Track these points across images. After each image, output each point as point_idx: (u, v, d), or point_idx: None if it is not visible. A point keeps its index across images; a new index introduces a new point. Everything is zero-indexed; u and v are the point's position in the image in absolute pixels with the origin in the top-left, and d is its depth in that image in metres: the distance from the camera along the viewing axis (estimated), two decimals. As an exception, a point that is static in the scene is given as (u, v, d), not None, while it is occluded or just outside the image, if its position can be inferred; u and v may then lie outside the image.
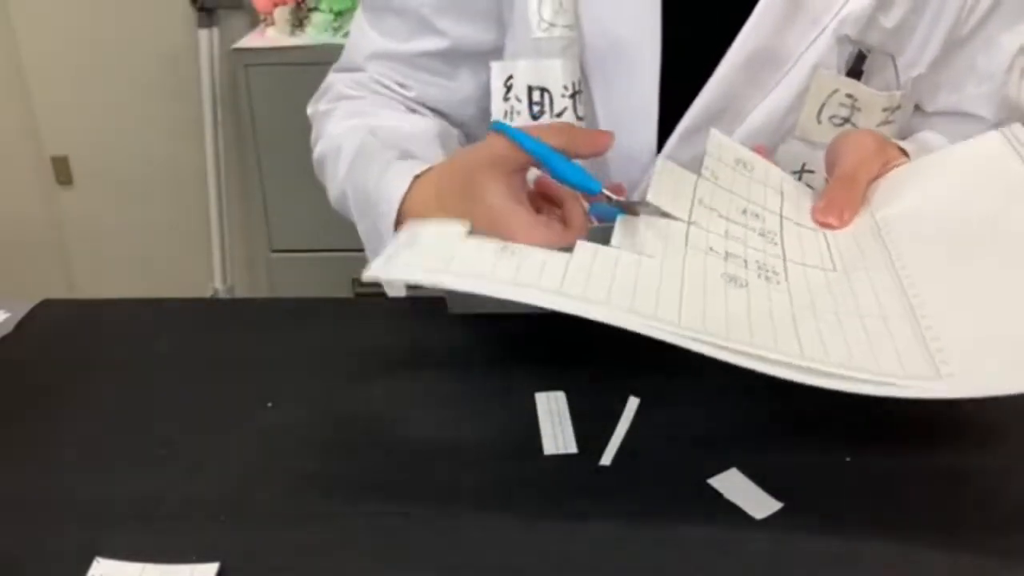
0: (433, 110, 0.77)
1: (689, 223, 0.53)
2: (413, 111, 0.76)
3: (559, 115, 0.70)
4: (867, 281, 0.51)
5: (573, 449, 0.52)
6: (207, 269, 2.19)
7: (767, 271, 0.52)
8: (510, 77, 0.71)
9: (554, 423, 0.54)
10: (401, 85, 0.76)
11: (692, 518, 0.47)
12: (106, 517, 0.48)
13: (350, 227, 0.69)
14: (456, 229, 0.51)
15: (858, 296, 0.50)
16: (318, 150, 0.76)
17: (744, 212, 0.56)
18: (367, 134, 0.72)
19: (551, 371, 0.58)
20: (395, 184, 0.62)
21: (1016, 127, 0.56)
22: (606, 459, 0.51)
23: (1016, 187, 0.53)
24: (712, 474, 0.50)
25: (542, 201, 0.58)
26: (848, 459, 0.51)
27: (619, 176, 0.71)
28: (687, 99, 0.69)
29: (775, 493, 0.48)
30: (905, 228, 0.54)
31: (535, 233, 0.52)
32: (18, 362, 0.62)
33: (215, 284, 2.19)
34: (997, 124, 0.68)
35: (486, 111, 0.73)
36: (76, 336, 0.65)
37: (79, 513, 0.48)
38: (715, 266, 0.51)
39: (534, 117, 0.71)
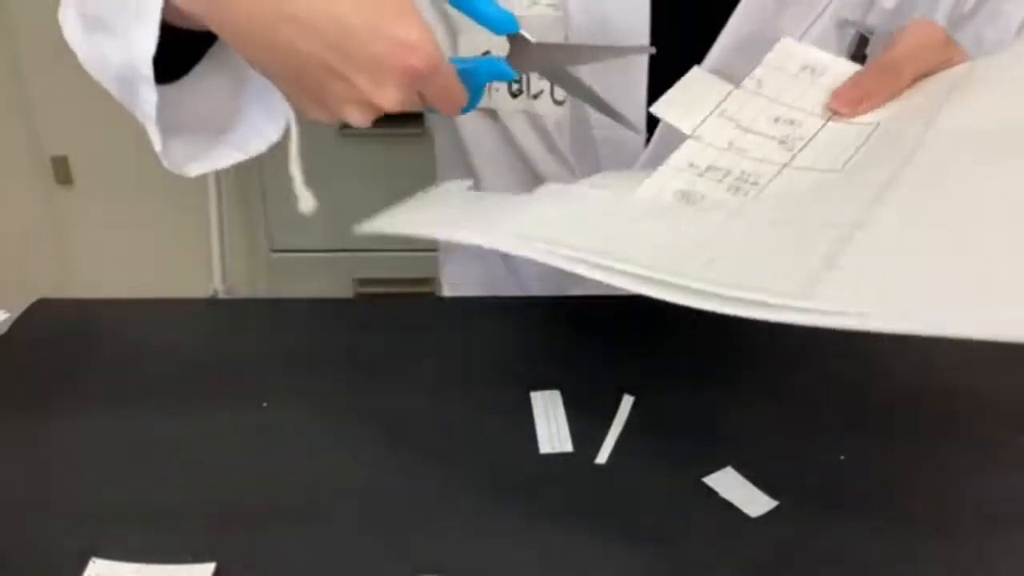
0: None
1: (691, 137, 0.52)
2: None
3: (535, 97, 0.69)
4: (853, 186, 0.45)
5: (568, 448, 0.52)
6: (207, 269, 2.20)
7: (747, 182, 0.48)
8: (487, 52, 0.70)
9: (549, 422, 0.54)
10: None
11: (687, 516, 0.47)
12: (102, 517, 0.48)
13: (350, 227, 0.68)
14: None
15: (833, 203, 0.44)
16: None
17: (777, 120, 0.52)
18: None
19: (546, 369, 0.58)
20: None
21: None
22: (601, 457, 0.51)
23: None
24: (707, 472, 0.50)
25: None
26: (842, 457, 0.51)
27: (608, 163, 0.70)
28: None
29: (770, 491, 0.48)
30: (952, 141, 0.46)
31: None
32: (15, 362, 0.62)
33: (215, 284, 2.19)
34: None
35: None
36: (74, 336, 0.65)
37: (75, 513, 0.48)
38: (676, 183, 0.50)
39: (513, 95, 0.70)
